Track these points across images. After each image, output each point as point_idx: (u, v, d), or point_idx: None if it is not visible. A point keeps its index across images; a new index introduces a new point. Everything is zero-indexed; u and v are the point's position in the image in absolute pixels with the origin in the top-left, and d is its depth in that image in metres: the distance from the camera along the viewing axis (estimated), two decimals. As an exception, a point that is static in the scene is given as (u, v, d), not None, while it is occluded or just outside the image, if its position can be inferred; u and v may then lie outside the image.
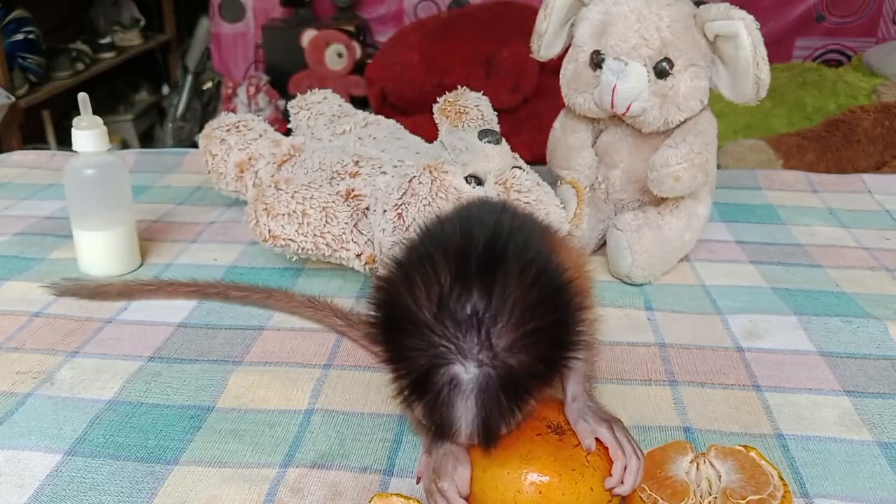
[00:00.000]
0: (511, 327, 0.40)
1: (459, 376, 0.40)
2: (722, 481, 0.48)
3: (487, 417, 0.41)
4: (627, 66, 0.80)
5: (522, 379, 0.41)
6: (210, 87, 2.67)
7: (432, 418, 0.42)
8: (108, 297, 0.78)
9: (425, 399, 0.41)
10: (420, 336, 0.41)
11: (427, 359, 0.40)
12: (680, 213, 0.85)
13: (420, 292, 0.41)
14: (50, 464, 0.56)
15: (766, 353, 0.69)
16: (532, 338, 0.41)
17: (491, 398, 0.41)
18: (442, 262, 0.41)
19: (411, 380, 0.42)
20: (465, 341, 0.40)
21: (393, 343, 0.42)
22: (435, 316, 0.40)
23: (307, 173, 0.88)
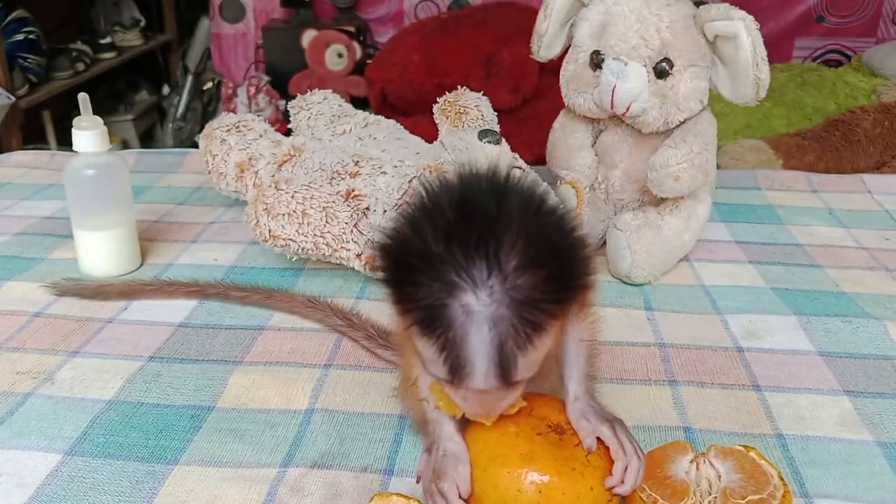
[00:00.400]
0: (518, 249, 0.40)
1: (471, 304, 0.40)
2: (722, 481, 0.48)
3: (503, 347, 0.40)
4: (627, 66, 0.80)
5: (535, 301, 0.40)
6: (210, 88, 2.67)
7: (447, 357, 0.41)
8: (109, 297, 0.79)
9: (438, 336, 0.40)
10: (429, 269, 0.40)
11: (437, 290, 0.40)
12: (680, 214, 0.85)
13: (426, 230, 0.41)
14: (50, 464, 0.56)
15: (765, 353, 0.69)
16: (539, 257, 0.40)
17: (505, 324, 0.40)
18: (446, 202, 0.42)
19: (423, 316, 0.41)
20: (474, 267, 0.40)
21: (402, 282, 0.42)
22: (442, 246, 0.40)
23: (307, 173, 0.88)
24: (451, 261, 0.40)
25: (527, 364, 0.42)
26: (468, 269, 0.40)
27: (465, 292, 0.40)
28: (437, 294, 0.40)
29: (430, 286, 0.40)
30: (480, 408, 0.45)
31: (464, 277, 0.40)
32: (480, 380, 0.41)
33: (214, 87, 2.65)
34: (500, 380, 0.41)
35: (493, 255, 0.40)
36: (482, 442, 0.48)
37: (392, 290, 0.43)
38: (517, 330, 0.40)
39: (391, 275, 0.43)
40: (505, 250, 0.40)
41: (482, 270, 0.40)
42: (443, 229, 0.41)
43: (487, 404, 0.45)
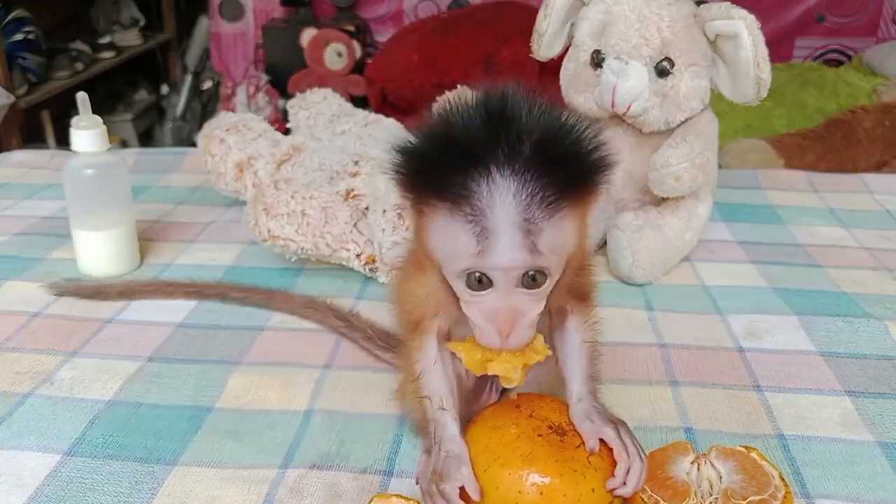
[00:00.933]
0: (541, 127, 0.42)
1: (496, 175, 0.41)
2: (723, 482, 0.48)
3: (528, 210, 0.41)
4: (628, 65, 0.80)
5: (557, 170, 0.41)
6: (209, 87, 2.67)
7: (473, 228, 0.41)
8: (109, 297, 0.78)
9: (464, 208, 0.41)
10: (451, 150, 0.42)
11: (463, 168, 0.41)
12: (680, 213, 0.85)
13: (448, 124, 0.43)
14: (49, 464, 0.55)
15: (766, 353, 0.69)
16: (561, 130, 0.42)
17: (529, 189, 0.41)
18: (462, 106, 0.43)
19: (449, 194, 0.41)
20: (499, 144, 0.41)
21: (425, 169, 0.43)
22: (466, 130, 0.42)
23: (307, 173, 0.88)
24: (475, 139, 0.41)
25: (552, 244, 0.42)
26: (493, 146, 0.41)
27: (490, 164, 0.41)
28: (463, 170, 0.41)
29: (455, 165, 0.41)
30: (505, 319, 0.44)
31: (488, 152, 0.41)
32: (506, 249, 0.41)
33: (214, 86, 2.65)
34: (528, 249, 0.42)
35: (516, 131, 0.41)
36: (483, 443, 0.47)
37: (416, 184, 0.44)
38: (541, 195, 0.41)
39: (413, 171, 0.44)
40: (527, 125, 0.41)
41: (506, 145, 0.41)
42: (464, 118, 0.42)
43: (511, 313, 0.44)
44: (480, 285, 0.44)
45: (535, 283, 0.43)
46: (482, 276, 0.43)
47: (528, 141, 0.41)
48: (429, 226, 0.44)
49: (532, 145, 0.41)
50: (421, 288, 0.49)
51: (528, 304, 0.44)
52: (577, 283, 0.50)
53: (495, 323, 0.44)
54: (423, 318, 0.50)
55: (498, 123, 0.41)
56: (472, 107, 0.43)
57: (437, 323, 0.50)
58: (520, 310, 0.44)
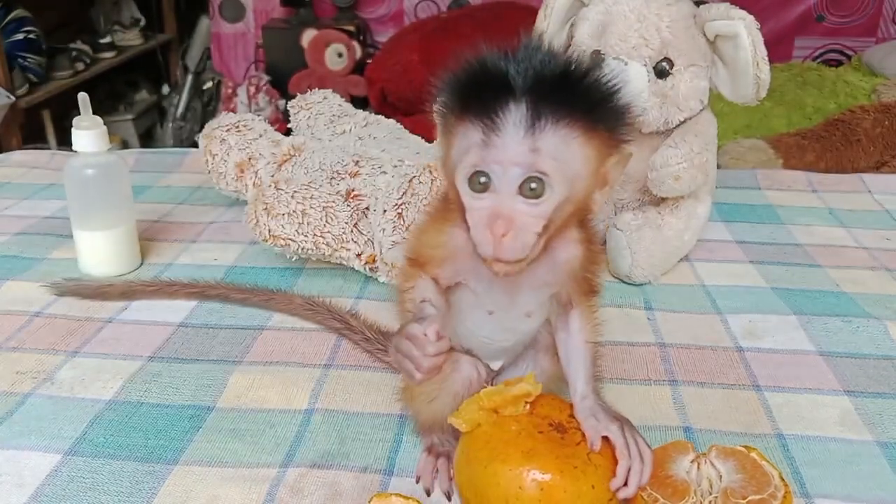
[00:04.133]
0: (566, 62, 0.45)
1: (514, 76, 0.44)
2: (723, 481, 0.48)
3: (535, 117, 0.43)
4: (627, 65, 0.80)
5: (573, 95, 0.44)
6: (210, 87, 2.67)
7: (483, 107, 0.44)
8: (110, 297, 0.78)
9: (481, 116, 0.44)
10: (477, 60, 0.45)
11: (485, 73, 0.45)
12: (680, 213, 0.85)
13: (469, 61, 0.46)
14: (50, 464, 0.56)
15: (765, 352, 0.69)
16: (585, 71, 0.45)
17: (540, 103, 0.43)
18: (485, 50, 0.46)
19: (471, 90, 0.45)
20: (521, 58, 0.44)
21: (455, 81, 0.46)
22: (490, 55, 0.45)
23: (307, 173, 0.88)
24: (504, 68, 0.44)
25: (556, 152, 0.43)
26: (519, 67, 0.44)
27: (511, 80, 0.43)
28: (489, 88, 0.44)
29: (484, 85, 0.44)
30: (501, 222, 0.44)
31: (513, 70, 0.44)
32: (508, 143, 0.43)
33: (214, 86, 2.65)
34: (527, 148, 0.43)
35: (541, 61, 0.44)
36: (484, 440, 0.48)
37: (449, 104, 0.47)
38: (552, 109, 0.43)
39: (448, 91, 0.47)
40: (554, 60, 0.44)
41: (530, 68, 0.44)
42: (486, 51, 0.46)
43: (508, 218, 0.44)
44: (482, 186, 0.44)
45: (533, 192, 0.43)
46: (485, 175, 0.44)
47: (552, 68, 0.44)
48: (453, 139, 0.46)
49: (554, 72, 0.44)
50: (438, 234, 0.50)
51: (527, 215, 0.44)
52: (588, 274, 0.50)
53: (491, 227, 0.44)
54: (429, 262, 0.51)
55: (527, 52, 0.44)
56: (501, 49, 0.45)
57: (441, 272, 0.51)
58: (517, 218, 0.44)
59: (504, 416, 0.48)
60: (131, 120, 2.67)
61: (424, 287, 0.51)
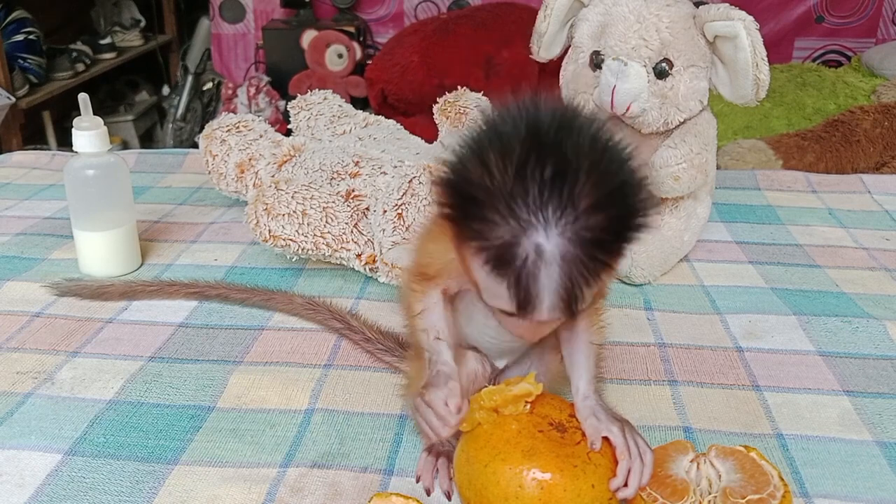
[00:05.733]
0: (590, 188, 0.40)
1: (542, 244, 0.40)
2: (722, 481, 0.48)
3: (571, 285, 0.40)
4: (627, 66, 0.80)
5: (604, 240, 0.41)
6: (210, 88, 2.67)
7: (516, 292, 0.41)
8: (110, 297, 0.79)
9: (507, 272, 0.41)
10: (499, 205, 0.40)
11: (508, 228, 0.40)
12: (679, 214, 0.85)
13: (494, 162, 0.41)
14: (50, 464, 0.56)
15: (765, 353, 0.70)
16: (611, 198, 0.41)
17: (574, 263, 0.40)
18: (513, 133, 0.41)
19: (493, 253, 0.41)
20: (548, 206, 0.40)
21: (471, 217, 0.42)
22: (513, 184, 0.40)
23: (307, 174, 0.88)
24: (524, 199, 0.40)
25: (590, 296, 0.42)
26: (541, 208, 0.40)
27: (537, 231, 0.40)
28: (509, 232, 0.40)
29: (502, 224, 0.40)
30: (530, 333, 0.46)
31: (537, 216, 0.40)
32: (545, 314, 0.42)
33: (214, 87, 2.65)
34: (564, 313, 0.42)
35: (567, 195, 0.40)
36: (484, 439, 0.48)
37: (458, 225, 0.43)
38: (587, 268, 0.40)
39: (458, 210, 0.42)
40: (578, 189, 0.40)
41: (556, 210, 0.40)
42: (514, 164, 0.40)
43: (539, 331, 0.46)
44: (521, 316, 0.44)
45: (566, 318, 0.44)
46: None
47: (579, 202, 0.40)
48: (468, 259, 0.44)
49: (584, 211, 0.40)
50: (444, 253, 0.49)
51: (556, 323, 0.45)
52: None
53: (522, 332, 0.46)
54: (436, 276, 0.51)
55: (549, 179, 0.40)
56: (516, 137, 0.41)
57: (447, 283, 0.51)
58: (548, 329, 0.46)
59: (504, 415, 0.49)
60: (131, 121, 2.67)
61: (435, 313, 0.51)
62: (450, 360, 0.50)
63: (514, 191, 0.40)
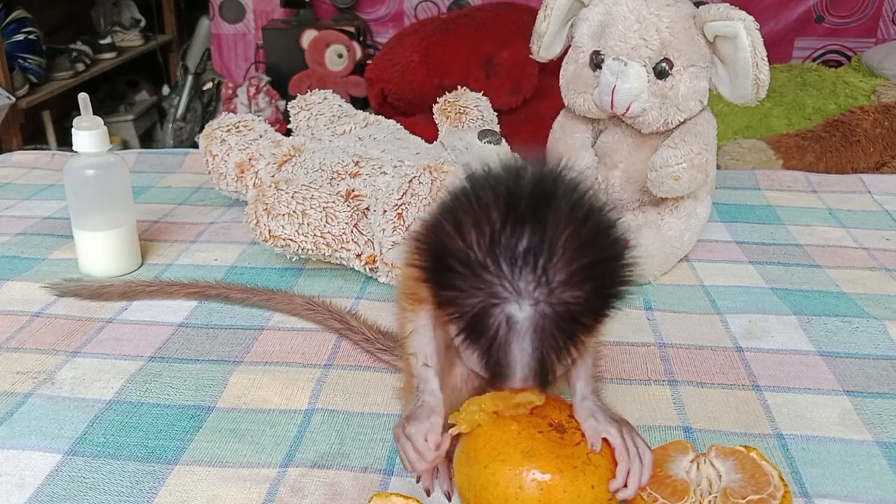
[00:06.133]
0: (565, 262, 0.39)
1: (514, 316, 0.39)
2: (722, 481, 0.48)
3: (543, 358, 0.40)
4: (627, 66, 0.80)
5: (578, 315, 0.40)
6: (210, 88, 2.67)
7: (487, 362, 0.41)
8: (110, 297, 0.79)
9: (480, 342, 0.40)
10: (473, 276, 0.40)
11: (481, 299, 0.40)
12: (679, 214, 0.85)
13: (470, 231, 0.40)
14: (50, 464, 0.56)
15: (765, 352, 0.69)
16: (587, 272, 0.40)
17: (547, 337, 0.40)
18: (491, 201, 0.40)
19: (465, 322, 0.40)
20: (520, 279, 0.39)
21: (444, 285, 0.41)
22: (487, 254, 0.39)
23: (307, 174, 0.88)
24: (497, 271, 0.39)
25: (566, 364, 0.43)
26: (514, 282, 0.39)
27: (509, 304, 0.39)
28: (481, 302, 0.40)
29: (474, 293, 0.40)
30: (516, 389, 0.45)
31: (509, 289, 0.39)
32: (519, 383, 0.42)
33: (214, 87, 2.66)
34: (537, 383, 0.42)
35: (541, 269, 0.39)
36: (483, 439, 0.48)
37: (432, 289, 0.42)
38: (559, 343, 0.40)
39: (432, 275, 0.42)
40: (553, 263, 0.39)
41: (529, 283, 0.39)
42: (488, 235, 0.40)
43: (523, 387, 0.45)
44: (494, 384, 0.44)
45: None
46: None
47: (555, 279, 0.39)
48: (445, 320, 0.43)
49: (559, 286, 0.39)
50: None
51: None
52: None
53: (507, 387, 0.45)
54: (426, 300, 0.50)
55: (525, 253, 0.39)
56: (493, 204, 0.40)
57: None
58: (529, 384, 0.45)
59: (503, 416, 0.48)
60: (131, 120, 2.67)
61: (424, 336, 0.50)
62: (436, 389, 0.49)
63: (488, 262, 0.39)
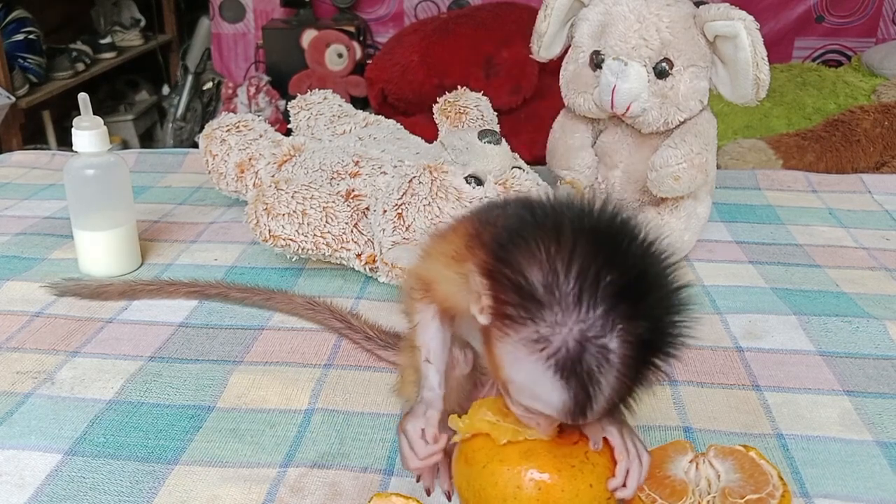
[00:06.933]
0: (645, 308, 0.41)
1: (588, 354, 0.40)
2: (721, 481, 0.48)
3: (606, 395, 0.41)
4: (627, 66, 0.80)
5: (646, 361, 0.41)
6: (210, 88, 2.67)
7: (574, 397, 0.41)
8: (110, 296, 0.79)
9: (570, 377, 0.40)
10: (554, 305, 0.40)
11: (557, 331, 0.40)
12: (679, 214, 0.85)
13: (554, 263, 0.40)
14: (50, 464, 0.56)
15: (765, 352, 0.69)
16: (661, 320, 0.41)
17: (633, 370, 0.41)
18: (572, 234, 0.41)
19: (559, 357, 0.40)
20: (600, 317, 0.40)
21: (532, 316, 0.41)
22: (578, 286, 0.40)
23: (307, 173, 0.88)
24: (578, 305, 0.40)
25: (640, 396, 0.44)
26: (593, 318, 0.40)
27: (583, 339, 0.40)
28: (556, 333, 0.40)
29: (551, 324, 0.40)
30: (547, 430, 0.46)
31: (587, 324, 0.40)
32: (569, 418, 0.42)
33: (214, 87, 2.66)
34: (606, 416, 0.43)
35: (621, 312, 0.40)
36: (482, 439, 0.48)
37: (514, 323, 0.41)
38: (641, 375, 0.42)
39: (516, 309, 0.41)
40: (633, 308, 0.40)
41: (606, 321, 0.40)
42: (576, 267, 0.40)
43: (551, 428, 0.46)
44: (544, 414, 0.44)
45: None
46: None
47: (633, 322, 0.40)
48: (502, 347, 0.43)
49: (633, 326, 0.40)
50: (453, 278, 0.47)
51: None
52: None
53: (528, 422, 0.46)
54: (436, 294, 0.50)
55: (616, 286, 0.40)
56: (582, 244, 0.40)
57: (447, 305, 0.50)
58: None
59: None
60: (131, 120, 2.67)
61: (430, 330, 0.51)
62: (435, 385, 0.50)
63: (571, 295, 0.40)
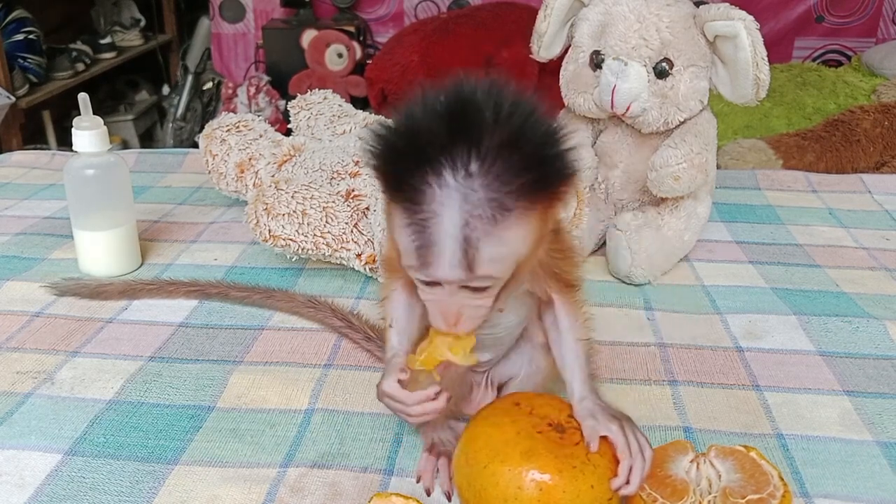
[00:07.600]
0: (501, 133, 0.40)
1: (448, 183, 0.40)
2: (722, 481, 0.48)
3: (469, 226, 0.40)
4: (627, 66, 0.80)
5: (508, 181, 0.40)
6: (210, 88, 2.67)
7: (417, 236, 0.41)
8: (110, 296, 0.79)
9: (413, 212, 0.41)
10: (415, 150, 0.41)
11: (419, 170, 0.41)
12: (679, 214, 0.85)
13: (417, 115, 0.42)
14: (50, 464, 0.56)
15: (765, 352, 0.69)
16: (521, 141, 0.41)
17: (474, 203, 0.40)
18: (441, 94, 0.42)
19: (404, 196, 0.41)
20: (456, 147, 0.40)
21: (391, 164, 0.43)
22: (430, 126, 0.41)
23: (307, 173, 0.88)
24: (436, 140, 0.40)
25: (494, 256, 0.42)
26: (450, 149, 0.40)
27: (443, 169, 0.40)
28: (419, 173, 0.41)
29: (414, 166, 0.41)
30: (451, 314, 0.45)
31: (444, 157, 0.40)
32: (445, 265, 0.42)
33: (214, 87, 2.65)
34: (464, 267, 0.41)
35: (476, 136, 0.40)
36: (482, 439, 0.48)
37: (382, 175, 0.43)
38: (485, 210, 0.40)
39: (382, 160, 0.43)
40: (488, 133, 0.40)
41: (463, 151, 0.40)
42: (432, 112, 0.41)
43: (457, 311, 0.45)
44: (428, 285, 0.44)
45: (477, 290, 0.44)
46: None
47: (487, 144, 0.40)
48: (393, 218, 0.44)
49: (490, 149, 0.40)
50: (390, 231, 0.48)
51: (475, 303, 0.45)
52: (559, 271, 0.50)
53: (443, 315, 0.45)
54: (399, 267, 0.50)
55: (460, 123, 0.40)
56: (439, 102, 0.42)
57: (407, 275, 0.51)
58: (466, 307, 0.45)
59: (502, 417, 0.48)
60: (131, 120, 2.67)
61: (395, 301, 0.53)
62: (396, 343, 0.52)
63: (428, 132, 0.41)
